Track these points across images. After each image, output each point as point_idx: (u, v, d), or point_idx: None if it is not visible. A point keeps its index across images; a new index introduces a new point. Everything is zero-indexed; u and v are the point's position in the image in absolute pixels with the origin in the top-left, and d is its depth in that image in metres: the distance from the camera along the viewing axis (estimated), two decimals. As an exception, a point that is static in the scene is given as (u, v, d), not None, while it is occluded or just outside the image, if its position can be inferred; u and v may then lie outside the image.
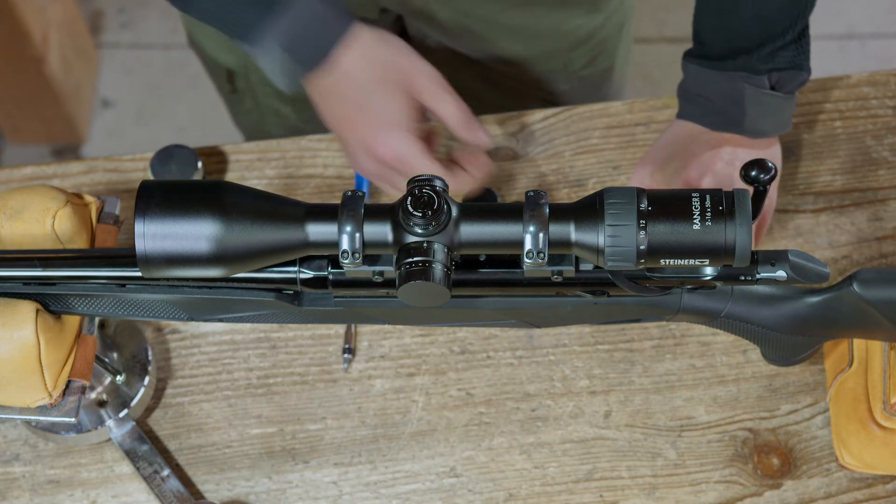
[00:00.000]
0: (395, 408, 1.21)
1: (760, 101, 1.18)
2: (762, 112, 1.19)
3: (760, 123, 1.19)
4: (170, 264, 0.93)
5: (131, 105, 2.50)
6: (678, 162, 1.21)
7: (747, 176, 0.93)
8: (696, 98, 1.21)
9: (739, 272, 0.97)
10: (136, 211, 0.92)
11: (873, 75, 1.35)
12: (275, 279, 0.98)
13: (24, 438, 1.19)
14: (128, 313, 1.03)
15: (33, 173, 1.31)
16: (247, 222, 0.92)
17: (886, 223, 1.28)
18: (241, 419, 1.20)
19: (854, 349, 1.15)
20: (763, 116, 1.19)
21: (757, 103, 1.18)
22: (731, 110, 1.19)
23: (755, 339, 1.08)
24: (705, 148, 1.20)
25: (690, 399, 1.21)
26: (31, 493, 1.17)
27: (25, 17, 2.19)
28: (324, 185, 1.30)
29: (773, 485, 1.17)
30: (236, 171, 1.31)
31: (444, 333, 1.23)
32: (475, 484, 1.18)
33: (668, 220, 0.91)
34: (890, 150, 1.32)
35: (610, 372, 1.22)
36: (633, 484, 1.18)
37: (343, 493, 1.18)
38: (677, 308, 1.02)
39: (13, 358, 1.02)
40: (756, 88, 1.17)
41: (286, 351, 1.23)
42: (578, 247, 0.93)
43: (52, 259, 1.00)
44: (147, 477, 1.17)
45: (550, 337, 1.23)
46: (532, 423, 1.20)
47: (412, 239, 0.93)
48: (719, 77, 1.18)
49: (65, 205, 1.07)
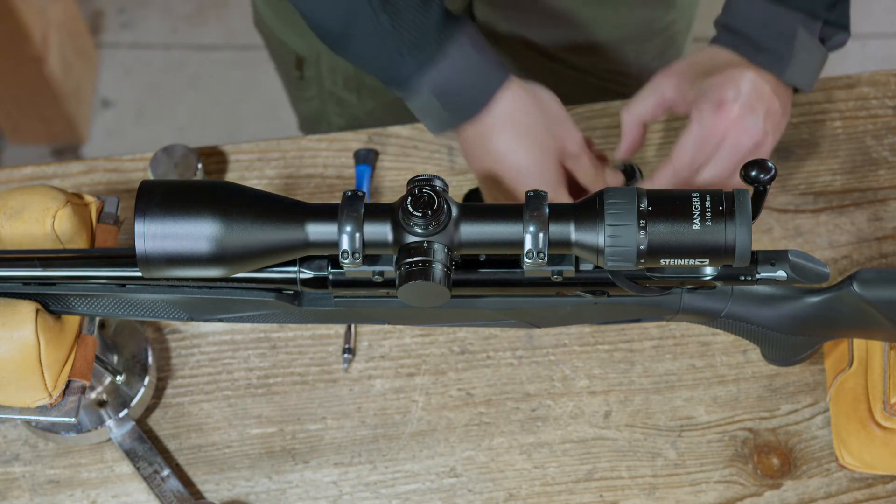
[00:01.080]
0: (395, 408, 1.21)
1: (808, 48, 1.16)
2: (805, 61, 1.17)
3: (799, 72, 1.17)
4: (170, 264, 0.93)
5: (131, 105, 2.50)
6: (712, 79, 1.16)
7: (747, 176, 0.93)
8: (742, 33, 1.17)
9: (739, 272, 0.97)
10: (136, 211, 0.92)
11: (873, 75, 1.35)
12: (275, 279, 0.98)
13: (24, 438, 1.19)
14: (128, 313, 1.03)
15: (33, 173, 1.31)
16: (247, 222, 0.92)
17: (886, 223, 1.28)
18: (241, 419, 1.20)
19: (854, 349, 1.15)
20: (804, 65, 1.17)
21: (804, 49, 1.16)
22: (780, 48, 1.16)
23: (755, 339, 1.08)
24: (745, 69, 1.16)
25: (690, 399, 1.21)
26: (31, 493, 1.17)
27: (25, 17, 2.19)
28: (324, 185, 1.30)
29: (773, 485, 1.17)
30: (236, 171, 1.31)
31: (444, 333, 1.23)
32: (475, 484, 1.18)
33: (668, 220, 0.91)
34: (890, 150, 1.32)
35: (610, 372, 1.22)
36: (633, 484, 1.18)
37: (343, 493, 1.18)
38: (677, 308, 1.02)
39: (13, 358, 1.02)
40: (808, 34, 1.16)
41: (286, 351, 1.23)
42: (578, 247, 0.93)
43: (52, 259, 1.00)
44: (147, 477, 1.17)
45: (550, 337, 1.23)
46: (532, 423, 1.20)
47: (412, 239, 0.93)
48: (778, 12, 1.16)
49: (65, 205, 1.06)
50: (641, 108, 1.19)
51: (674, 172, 1.14)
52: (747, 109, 1.13)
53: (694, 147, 1.14)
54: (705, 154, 1.14)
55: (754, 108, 1.14)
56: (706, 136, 1.13)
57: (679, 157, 1.14)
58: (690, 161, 1.14)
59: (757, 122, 1.13)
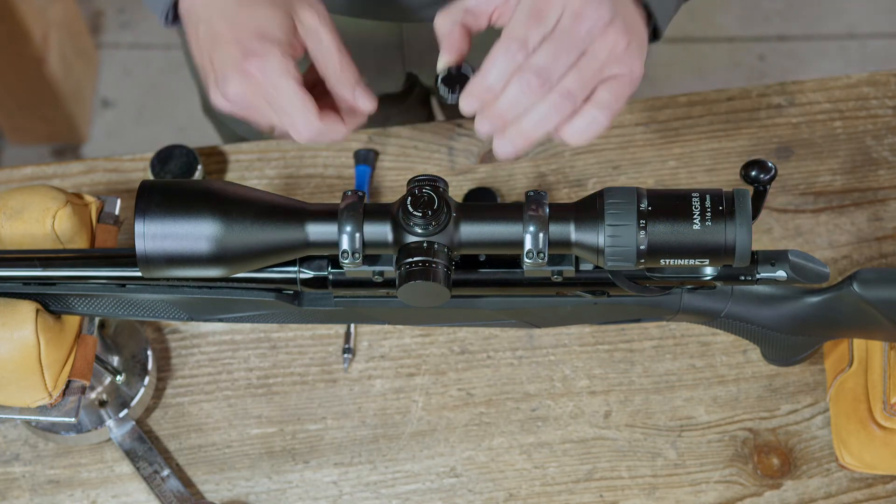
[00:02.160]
0: (395, 408, 1.21)
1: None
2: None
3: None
4: (170, 264, 0.93)
5: (131, 105, 2.50)
6: None
7: (747, 176, 0.94)
8: None
9: (739, 272, 0.97)
10: (136, 211, 0.92)
11: (873, 75, 1.35)
12: (275, 279, 0.98)
13: (24, 438, 1.19)
14: (128, 313, 1.03)
15: (33, 173, 1.31)
16: (247, 222, 0.92)
17: (886, 223, 1.28)
18: (241, 419, 1.20)
19: (854, 349, 1.15)
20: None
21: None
22: None
23: (755, 339, 1.08)
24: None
25: (690, 399, 1.21)
26: (31, 493, 1.17)
27: (25, 17, 2.19)
28: (324, 185, 1.30)
29: (773, 485, 1.17)
30: (236, 171, 1.31)
31: (444, 333, 1.23)
32: (475, 484, 1.18)
33: (668, 220, 0.91)
34: (890, 150, 1.32)
35: (610, 372, 1.22)
36: (633, 484, 1.18)
37: (343, 493, 1.18)
38: (677, 308, 1.02)
39: (13, 358, 1.02)
40: None
41: (286, 351, 1.23)
42: (578, 247, 0.93)
43: (52, 259, 1.00)
44: (147, 477, 1.17)
45: (550, 337, 1.23)
46: (532, 423, 1.20)
47: (412, 239, 0.93)
48: None
49: (65, 205, 1.07)
50: (455, 12, 0.97)
51: (502, 55, 0.90)
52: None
53: (527, 19, 0.91)
54: (542, 28, 0.91)
55: None
56: (540, 4, 0.91)
57: (510, 34, 0.91)
58: (524, 39, 0.91)
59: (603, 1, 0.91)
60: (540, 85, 0.91)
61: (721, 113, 1.33)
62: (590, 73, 0.92)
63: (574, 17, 0.91)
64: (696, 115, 1.33)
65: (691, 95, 1.34)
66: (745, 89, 1.34)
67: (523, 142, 0.94)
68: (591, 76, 0.92)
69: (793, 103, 1.33)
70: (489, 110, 0.93)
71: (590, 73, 0.92)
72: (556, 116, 0.91)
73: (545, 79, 0.91)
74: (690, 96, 1.34)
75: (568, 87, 0.91)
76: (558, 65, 0.90)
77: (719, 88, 1.34)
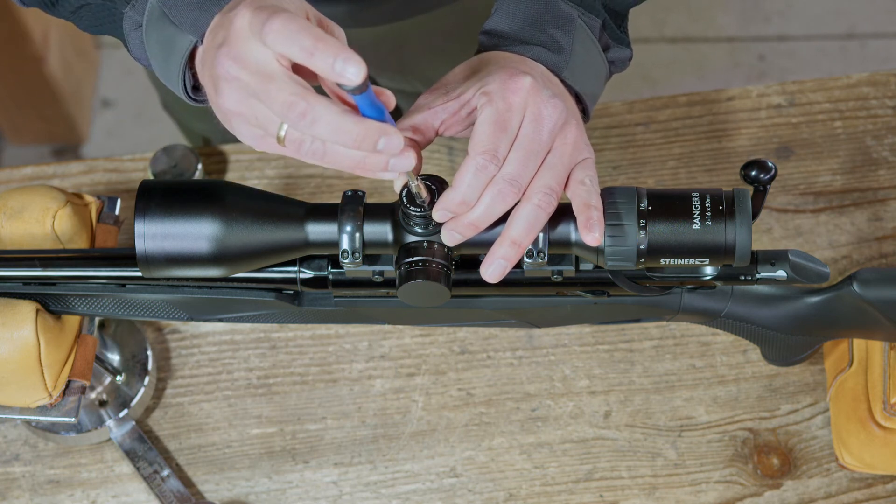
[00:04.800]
0: (395, 408, 1.21)
1: (587, 48, 0.99)
2: (587, 63, 0.99)
3: (582, 75, 0.98)
4: (170, 264, 0.93)
5: (131, 105, 2.50)
6: (491, 67, 0.95)
7: (747, 176, 0.94)
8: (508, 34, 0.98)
9: (739, 272, 0.97)
10: (136, 211, 0.92)
11: (873, 75, 1.35)
12: (275, 279, 0.98)
13: (24, 438, 1.19)
14: (128, 313, 1.03)
15: (33, 173, 1.31)
16: (247, 222, 0.92)
17: (886, 223, 1.28)
18: (241, 419, 1.20)
19: (854, 349, 1.15)
20: (586, 68, 0.99)
21: (584, 47, 0.99)
22: (557, 38, 0.97)
23: (755, 339, 1.08)
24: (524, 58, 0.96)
25: (690, 399, 1.21)
26: (31, 493, 1.17)
27: (25, 17, 2.19)
28: (324, 185, 1.30)
29: (773, 485, 1.17)
30: (236, 171, 1.31)
31: (444, 333, 1.23)
32: (475, 484, 1.18)
33: (668, 220, 0.91)
34: (890, 150, 1.32)
35: (610, 372, 1.22)
36: (633, 484, 1.18)
37: (343, 493, 1.18)
38: (677, 308, 1.02)
39: (13, 358, 1.02)
40: (587, 30, 0.99)
41: (286, 351, 1.23)
42: (578, 247, 0.93)
43: (52, 259, 1.00)
44: (147, 477, 1.17)
45: (550, 337, 1.23)
46: (532, 423, 1.20)
47: (412, 238, 0.93)
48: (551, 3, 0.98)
49: (65, 205, 1.07)
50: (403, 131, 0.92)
51: (474, 171, 0.89)
52: (541, 82, 0.92)
53: (493, 130, 0.90)
54: (508, 137, 0.90)
55: (548, 84, 0.94)
56: (502, 114, 0.90)
57: (480, 147, 0.89)
58: (493, 151, 0.89)
59: (555, 98, 0.92)
60: (514, 192, 0.90)
61: (721, 113, 1.33)
62: (561, 167, 0.92)
63: (535, 120, 0.90)
64: (696, 115, 1.33)
65: (691, 95, 1.34)
66: (745, 89, 1.34)
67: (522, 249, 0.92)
68: (563, 169, 0.92)
69: (793, 103, 1.33)
70: (461, 220, 0.91)
71: (561, 167, 0.92)
72: (543, 213, 0.90)
73: (519, 186, 0.90)
74: (690, 96, 1.34)
75: (547, 183, 0.91)
76: (527, 170, 0.90)
77: (719, 88, 1.34)
